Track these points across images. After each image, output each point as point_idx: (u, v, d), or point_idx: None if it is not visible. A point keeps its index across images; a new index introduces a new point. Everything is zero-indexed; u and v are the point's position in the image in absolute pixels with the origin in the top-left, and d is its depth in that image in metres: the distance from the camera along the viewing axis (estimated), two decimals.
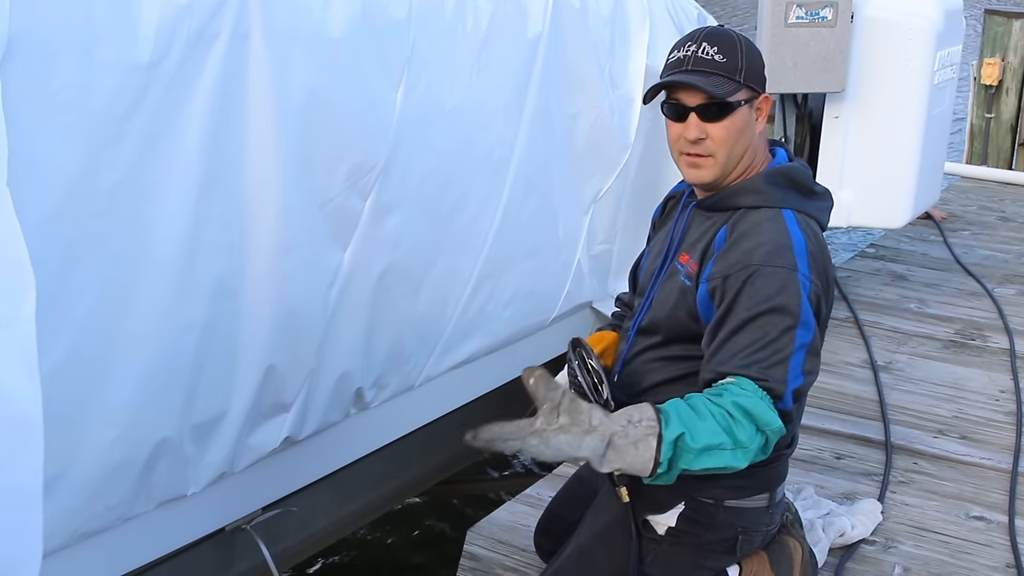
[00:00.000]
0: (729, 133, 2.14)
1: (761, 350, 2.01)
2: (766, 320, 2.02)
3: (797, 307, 2.02)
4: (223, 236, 2.41)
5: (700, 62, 2.13)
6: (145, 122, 2.20)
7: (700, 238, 2.22)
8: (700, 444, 1.89)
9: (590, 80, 3.51)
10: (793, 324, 2.02)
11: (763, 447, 1.98)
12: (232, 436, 2.57)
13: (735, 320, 2.04)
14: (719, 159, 2.16)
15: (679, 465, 1.90)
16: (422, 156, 2.90)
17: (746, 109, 2.16)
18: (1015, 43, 7.54)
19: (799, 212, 2.16)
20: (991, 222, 6.25)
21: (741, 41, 2.17)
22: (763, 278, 2.04)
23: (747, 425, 1.93)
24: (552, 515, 2.61)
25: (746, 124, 2.16)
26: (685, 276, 2.20)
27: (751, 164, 2.21)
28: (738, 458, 1.94)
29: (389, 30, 2.74)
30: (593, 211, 3.73)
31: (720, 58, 2.12)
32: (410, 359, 3.10)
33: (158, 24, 2.18)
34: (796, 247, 2.08)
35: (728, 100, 2.12)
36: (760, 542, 2.33)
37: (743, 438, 1.92)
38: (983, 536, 2.97)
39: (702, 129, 2.14)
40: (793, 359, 2.01)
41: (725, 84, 2.12)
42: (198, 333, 2.40)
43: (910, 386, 3.96)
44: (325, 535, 3.25)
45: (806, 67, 4.24)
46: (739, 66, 2.13)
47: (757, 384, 1.98)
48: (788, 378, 2.00)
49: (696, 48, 2.14)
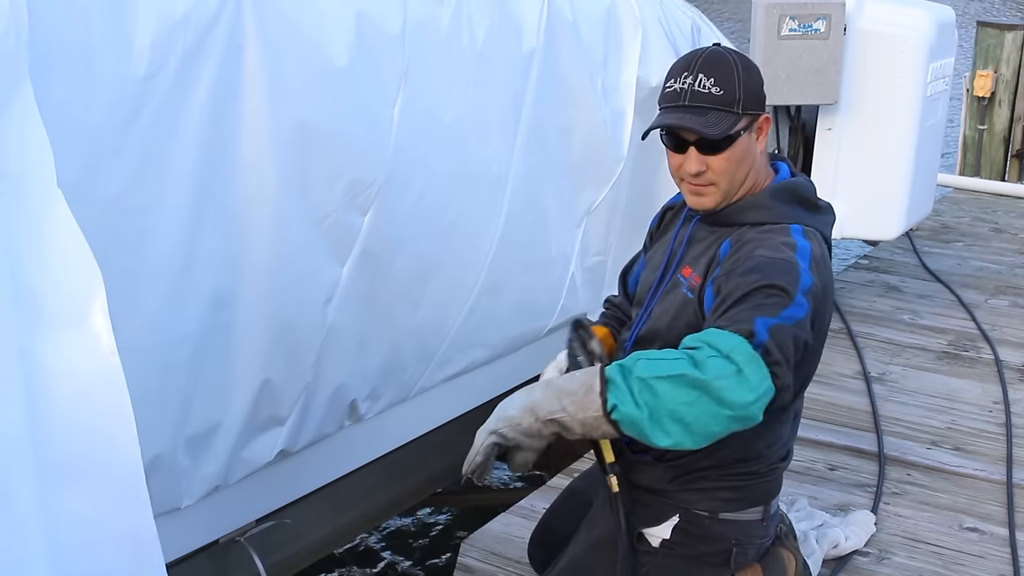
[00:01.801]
0: (730, 164, 2.13)
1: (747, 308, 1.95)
2: (758, 292, 1.97)
3: (793, 289, 1.97)
4: (219, 249, 2.41)
5: (697, 96, 2.10)
6: (141, 135, 2.20)
7: (704, 252, 2.21)
8: (648, 358, 1.91)
9: (583, 93, 3.52)
10: (785, 301, 1.95)
11: (733, 378, 1.85)
12: (227, 449, 2.57)
13: (730, 299, 1.99)
14: (721, 187, 2.16)
15: (632, 382, 1.88)
16: (420, 171, 2.90)
17: (746, 136, 2.14)
18: (1007, 55, 7.57)
19: (806, 226, 2.16)
20: (984, 233, 6.27)
21: (738, 66, 2.12)
22: (764, 266, 2.01)
23: (705, 349, 1.88)
24: (546, 527, 2.62)
25: (747, 151, 2.15)
26: (688, 289, 2.20)
27: (755, 183, 2.21)
28: (703, 370, 1.85)
29: (385, 46, 2.74)
30: (586, 223, 3.74)
31: (717, 91, 2.09)
32: (406, 372, 3.10)
33: (153, 38, 2.19)
34: (800, 249, 2.07)
35: (728, 134, 2.10)
36: (754, 554, 2.33)
37: (700, 357, 1.87)
38: (976, 547, 2.98)
39: (702, 162, 2.13)
40: (776, 319, 1.93)
41: (723, 120, 2.09)
42: (193, 346, 2.40)
43: (904, 397, 3.97)
44: (319, 547, 3.25)
45: (799, 79, 4.26)
46: (737, 97, 2.10)
47: (721, 328, 1.92)
48: (769, 319, 1.92)
49: (692, 81, 2.10)
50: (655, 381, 1.87)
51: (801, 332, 1.97)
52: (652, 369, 1.89)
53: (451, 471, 3.79)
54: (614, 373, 1.91)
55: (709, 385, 1.84)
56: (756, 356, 1.88)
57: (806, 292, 2.00)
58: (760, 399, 1.88)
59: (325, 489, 3.05)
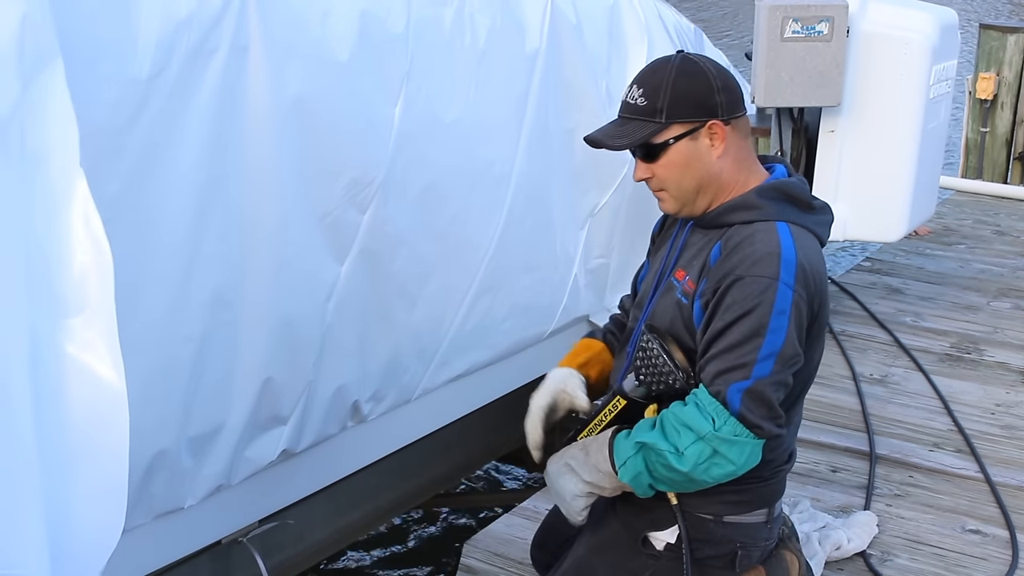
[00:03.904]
0: (669, 171, 2.18)
1: (725, 353, 2.07)
2: (735, 327, 2.06)
3: (767, 314, 2.04)
4: (221, 249, 2.41)
5: (627, 107, 2.20)
6: (144, 135, 2.20)
7: (697, 255, 2.22)
8: (642, 439, 2.10)
9: (587, 95, 3.53)
10: (759, 331, 2.04)
11: (711, 456, 2.05)
12: (229, 449, 2.57)
13: (713, 330, 2.09)
14: (672, 193, 2.22)
15: (631, 460, 2.11)
16: (421, 170, 2.90)
17: (684, 143, 2.16)
18: (1010, 57, 7.56)
19: (795, 224, 2.17)
20: (986, 236, 6.26)
21: (670, 76, 2.14)
22: (741, 286, 2.07)
23: (684, 432, 2.05)
24: (549, 528, 2.61)
25: (690, 157, 2.16)
26: (681, 293, 2.20)
27: (733, 184, 2.20)
28: (678, 461, 2.06)
29: (387, 45, 2.75)
30: (590, 225, 3.74)
31: (641, 102, 2.16)
32: (407, 372, 3.10)
33: (157, 38, 2.19)
34: (783, 256, 2.08)
35: (652, 142, 2.15)
36: (758, 557, 2.33)
37: (679, 444, 2.05)
38: (979, 549, 2.98)
39: (646, 169, 2.21)
40: (757, 366, 2.04)
41: (640, 129, 2.15)
42: (195, 345, 2.41)
43: (905, 399, 3.97)
44: (322, 548, 3.25)
45: (802, 81, 4.25)
46: (659, 106, 2.14)
47: (707, 391, 2.07)
48: (741, 382, 2.04)
49: (628, 92, 2.20)
50: (655, 467, 2.11)
51: (782, 367, 2.08)
52: (650, 458, 2.11)
53: (454, 472, 3.80)
54: (623, 455, 2.15)
55: (692, 474, 2.07)
56: (729, 434, 2.04)
57: (782, 312, 2.06)
58: (745, 464, 2.08)
59: (328, 490, 3.06)
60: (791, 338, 2.07)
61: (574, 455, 2.24)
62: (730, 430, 2.04)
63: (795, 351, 2.08)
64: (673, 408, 2.11)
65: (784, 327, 2.06)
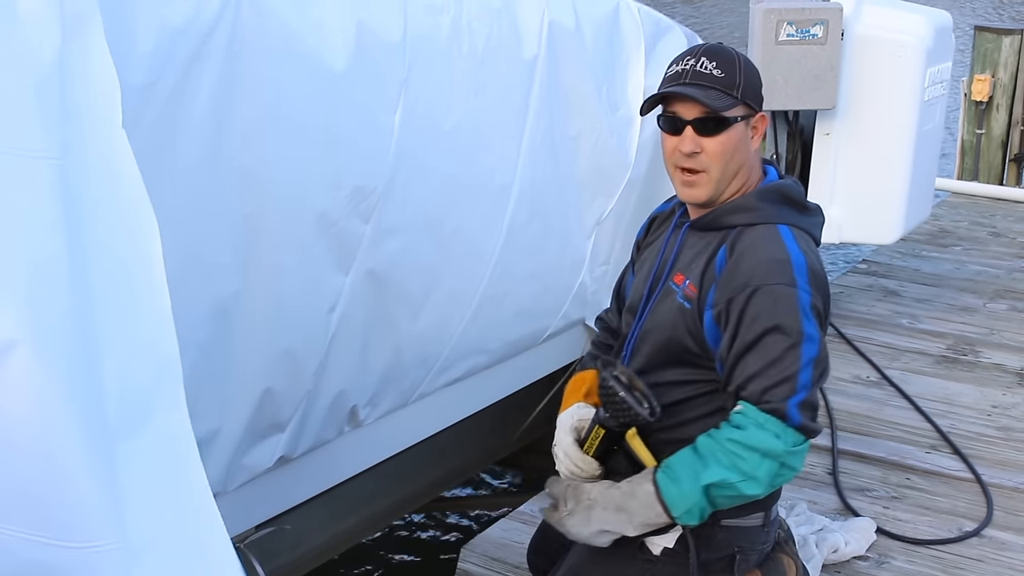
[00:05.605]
0: (724, 148, 2.15)
1: (767, 369, 2.06)
2: (769, 340, 2.06)
3: (797, 323, 2.06)
4: (220, 257, 2.41)
5: (698, 76, 2.14)
6: (140, 143, 2.19)
7: (696, 258, 2.22)
8: (707, 481, 2.05)
9: (589, 102, 3.52)
10: (796, 341, 2.06)
11: (779, 470, 2.06)
12: (226, 456, 2.57)
13: (740, 344, 2.08)
14: (713, 175, 2.17)
15: (696, 504, 2.07)
16: (422, 179, 2.90)
17: (742, 126, 2.17)
18: (1005, 59, 7.57)
19: (794, 227, 2.17)
20: (982, 237, 6.27)
21: (740, 58, 2.19)
22: (762, 297, 2.07)
23: (749, 456, 2.03)
24: (546, 533, 2.60)
25: (741, 141, 2.17)
26: (683, 298, 2.20)
27: (745, 182, 2.22)
28: (752, 487, 2.07)
29: (384, 53, 2.74)
30: (596, 233, 3.74)
31: (719, 73, 2.14)
32: (407, 378, 3.09)
33: (153, 45, 2.19)
34: (795, 261, 2.10)
35: (724, 115, 2.13)
36: (756, 560, 2.33)
37: (748, 469, 2.03)
38: (976, 551, 2.98)
39: (697, 143, 2.15)
40: (801, 375, 2.06)
41: (722, 98, 2.13)
42: (195, 354, 2.40)
43: (903, 401, 3.97)
44: (319, 553, 3.25)
45: (797, 84, 4.26)
46: (737, 82, 2.14)
47: (760, 408, 2.04)
48: (793, 395, 2.05)
49: (695, 62, 2.15)
50: (718, 500, 2.11)
51: (820, 371, 2.10)
52: (716, 493, 2.09)
53: (450, 477, 3.80)
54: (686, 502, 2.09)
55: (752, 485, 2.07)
56: (793, 445, 2.06)
57: (809, 312, 2.08)
58: (802, 466, 2.14)
59: (325, 495, 3.05)
60: (822, 341, 2.11)
61: (605, 519, 2.15)
62: (793, 441, 2.06)
63: (826, 352, 2.13)
64: (720, 435, 2.08)
65: (815, 333, 2.08)
